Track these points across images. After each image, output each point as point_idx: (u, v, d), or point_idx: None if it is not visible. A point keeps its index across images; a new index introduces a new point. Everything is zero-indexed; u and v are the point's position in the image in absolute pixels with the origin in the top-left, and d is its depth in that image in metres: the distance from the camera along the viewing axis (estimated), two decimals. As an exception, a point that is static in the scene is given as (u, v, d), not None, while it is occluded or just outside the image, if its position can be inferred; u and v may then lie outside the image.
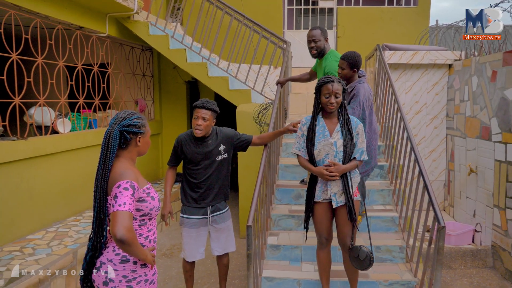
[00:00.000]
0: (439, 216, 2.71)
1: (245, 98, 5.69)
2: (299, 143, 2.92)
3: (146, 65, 7.09)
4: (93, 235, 1.97)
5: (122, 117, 1.99)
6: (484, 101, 4.87)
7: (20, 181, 4.05)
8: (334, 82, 2.72)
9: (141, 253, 1.91)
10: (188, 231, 3.29)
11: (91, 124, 5.62)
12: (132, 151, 2.04)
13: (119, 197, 1.83)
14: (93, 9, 5.22)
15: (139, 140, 2.04)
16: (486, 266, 4.62)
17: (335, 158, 2.76)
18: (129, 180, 1.89)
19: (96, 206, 1.94)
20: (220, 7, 5.80)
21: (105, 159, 1.93)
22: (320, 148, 2.78)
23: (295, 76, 4.49)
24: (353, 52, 3.39)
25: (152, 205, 2.02)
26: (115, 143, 1.94)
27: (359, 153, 2.82)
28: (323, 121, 2.85)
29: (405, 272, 3.32)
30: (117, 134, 1.95)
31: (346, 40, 7.52)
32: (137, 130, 2.01)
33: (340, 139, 2.77)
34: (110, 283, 1.94)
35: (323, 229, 2.89)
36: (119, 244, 1.80)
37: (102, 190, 1.92)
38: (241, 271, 4.43)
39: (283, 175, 4.43)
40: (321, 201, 2.85)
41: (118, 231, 1.76)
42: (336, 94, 2.72)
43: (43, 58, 4.47)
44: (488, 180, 4.72)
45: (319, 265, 3.02)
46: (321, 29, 3.82)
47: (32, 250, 3.71)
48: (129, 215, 1.81)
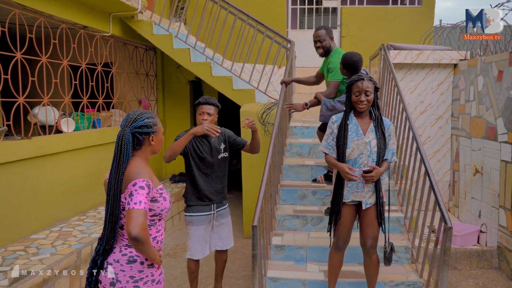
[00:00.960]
0: (446, 217, 2.68)
1: (249, 97, 5.68)
2: (327, 141, 2.85)
3: (149, 65, 7.09)
4: (105, 239, 1.96)
5: (133, 119, 1.98)
6: (490, 101, 4.83)
7: (24, 181, 4.05)
8: (364, 80, 2.66)
9: (152, 252, 1.91)
10: (197, 229, 3.30)
11: (94, 123, 5.62)
12: (146, 151, 2.05)
13: (134, 195, 1.83)
14: (97, 9, 5.21)
15: (152, 139, 2.04)
16: (491, 267, 4.59)
17: (369, 158, 2.71)
18: (145, 179, 1.89)
19: (109, 209, 1.93)
20: (224, 6, 5.79)
21: (119, 162, 1.93)
22: (353, 147, 2.72)
23: (301, 78, 4.45)
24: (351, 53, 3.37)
25: (164, 206, 2.02)
26: (128, 145, 1.94)
27: (390, 154, 2.78)
28: (355, 119, 2.78)
29: (411, 273, 3.30)
30: (129, 137, 1.95)
31: (350, 40, 7.49)
32: (149, 130, 2.01)
33: (374, 139, 2.72)
34: (117, 283, 1.93)
35: (344, 232, 2.84)
36: (133, 242, 1.80)
37: (116, 193, 1.92)
38: (245, 271, 4.42)
39: (287, 175, 4.41)
40: (349, 203, 2.80)
41: (133, 229, 1.75)
42: (366, 92, 2.66)
43: (47, 58, 4.47)
44: (494, 181, 4.69)
45: (330, 266, 2.99)
46: (325, 28, 3.84)
47: (36, 250, 3.71)
48: (144, 214, 1.81)
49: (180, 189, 6.33)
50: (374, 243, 2.85)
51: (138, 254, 1.96)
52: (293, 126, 5.03)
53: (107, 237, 1.94)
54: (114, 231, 1.93)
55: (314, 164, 4.42)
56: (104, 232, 1.96)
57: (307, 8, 7.83)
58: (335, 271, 2.97)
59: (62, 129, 4.83)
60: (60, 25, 4.76)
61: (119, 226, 1.97)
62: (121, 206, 1.94)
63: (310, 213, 3.86)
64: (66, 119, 4.88)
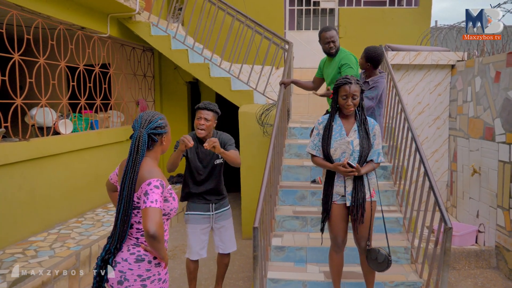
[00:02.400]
0: (446, 217, 2.69)
1: (247, 98, 5.67)
2: (314, 142, 2.89)
3: (147, 66, 7.07)
4: (116, 238, 1.98)
5: (147, 120, 2.03)
6: (487, 101, 4.86)
7: (22, 183, 4.02)
8: (352, 84, 2.70)
9: (163, 251, 1.96)
10: (193, 227, 3.33)
11: (92, 125, 5.59)
12: (157, 151, 2.11)
13: (150, 194, 1.87)
14: (95, 10, 5.19)
15: (164, 139, 2.11)
16: (490, 267, 4.61)
17: (351, 157, 2.74)
18: (159, 179, 1.94)
19: (121, 209, 1.96)
20: (222, 7, 5.78)
21: (134, 163, 1.96)
22: (336, 147, 2.76)
23: (300, 81, 4.40)
24: (375, 47, 3.52)
25: (173, 206, 2.06)
26: (144, 146, 1.99)
27: (376, 155, 2.81)
28: (340, 120, 2.83)
29: (411, 273, 3.30)
30: (145, 138, 2.00)
31: (347, 41, 7.49)
32: (163, 131, 2.08)
33: (357, 138, 2.76)
34: (125, 282, 1.96)
35: (338, 231, 2.86)
36: (149, 240, 1.84)
37: (129, 193, 1.95)
38: (245, 272, 4.41)
39: (286, 176, 4.41)
40: (338, 202, 2.82)
41: (151, 227, 1.79)
42: (353, 96, 2.71)
43: (44, 59, 4.45)
44: (492, 181, 4.71)
45: (331, 268, 2.99)
46: (335, 29, 3.90)
47: (34, 252, 3.68)
48: (160, 212, 1.86)
49: (178, 191, 6.31)
50: (367, 241, 2.88)
51: (146, 253, 2.00)
52: (292, 127, 5.03)
53: (119, 236, 1.97)
54: (126, 230, 1.97)
55: (313, 165, 4.42)
56: (115, 230, 1.99)
57: (304, 9, 7.84)
58: (338, 272, 2.98)
59: (60, 131, 4.81)
60: (57, 26, 4.74)
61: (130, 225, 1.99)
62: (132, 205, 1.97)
63: (309, 214, 3.86)
64: (64, 120, 4.86)
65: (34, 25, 4.34)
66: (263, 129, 5.08)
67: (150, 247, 1.92)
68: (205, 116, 3.17)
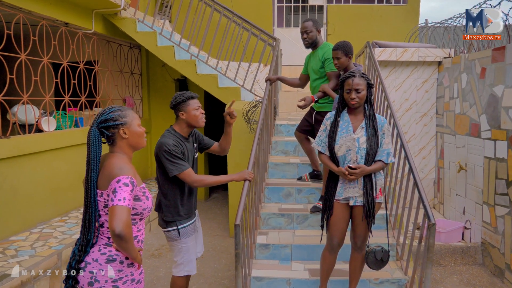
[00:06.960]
0: (429, 213, 2.68)
1: (235, 95, 5.63)
2: (320, 137, 2.83)
3: (134, 63, 6.99)
4: (80, 237, 1.93)
5: (98, 115, 1.95)
6: (473, 98, 4.87)
7: (2, 181, 3.94)
8: (355, 77, 2.65)
9: (134, 251, 1.88)
10: (191, 239, 2.98)
11: (77, 122, 5.51)
12: (123, 146, 1.99)
13: (118, 191, 1.79)
14: (79, 5, 5.10)
15: (124, 132, 1.97)
16: (475, 263, 4.62)
17: (357, 155, 2.68)
18: (129, 176, 1.86)
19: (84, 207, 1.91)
20: (209, 3, 5.72)
21: (89, 160, 1.89)
22: (341, 143, 2.70)
23: (286, 78, 4.37)
24: (343, 41, 3.49)
25: (146, 205, 1.99)
26: (95, 142, 1.90)
27: (385, 155, 2.72)
28: (348, 116, 2.77)
29: (396, 270, 3.29)
30: (95, 133, 1.91)
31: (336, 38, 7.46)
32: (116, 123, 1.94)
33: (364, 136, 2.69)
34: (95, 283, 1.89)
35: (337, 231, 2.81)
36: (116, 239, 1.77)
37: (88, 191, 1.89)
38: (231, 270, 4.37)
39: (272, 173, 4.38)
40: (341, 200, 2.78)
41: (117, 226, 1.72)
42: (357, 89, 2.64)
43: (26, 55, 4.35)
44: (478, 177, 4.73)
45: (322, 267, 2.95)
46: (313, 20, 3.87)
47: (14, 252, 3.60)
48: (128, 211, 1.78)
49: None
50: (365, 241, 2.86)
51: (117, 253, 1.92)
52: (279, 124, 5.00)
53: (82, 234, 1.92)
54: (89, 228, 1.90)
55: (299, 162, 4.40)
56: (80, 231, 1.94)
57: (293, 6, 7.81)
58: (327, 271, 2.95)
59: (42, 128, 4.72)
60: (40, 21, 4.64)
61: (100, 224, 1.93)
62: (100, 204, 1.91)
63: (295, 211, 3.84)
64: (47, 117, 4.77)
65: (14, 20, 4.25)
66: (249, 126, 5.04)
67: (118, 247, 1.87)
68: (199, 105, 2.98)
